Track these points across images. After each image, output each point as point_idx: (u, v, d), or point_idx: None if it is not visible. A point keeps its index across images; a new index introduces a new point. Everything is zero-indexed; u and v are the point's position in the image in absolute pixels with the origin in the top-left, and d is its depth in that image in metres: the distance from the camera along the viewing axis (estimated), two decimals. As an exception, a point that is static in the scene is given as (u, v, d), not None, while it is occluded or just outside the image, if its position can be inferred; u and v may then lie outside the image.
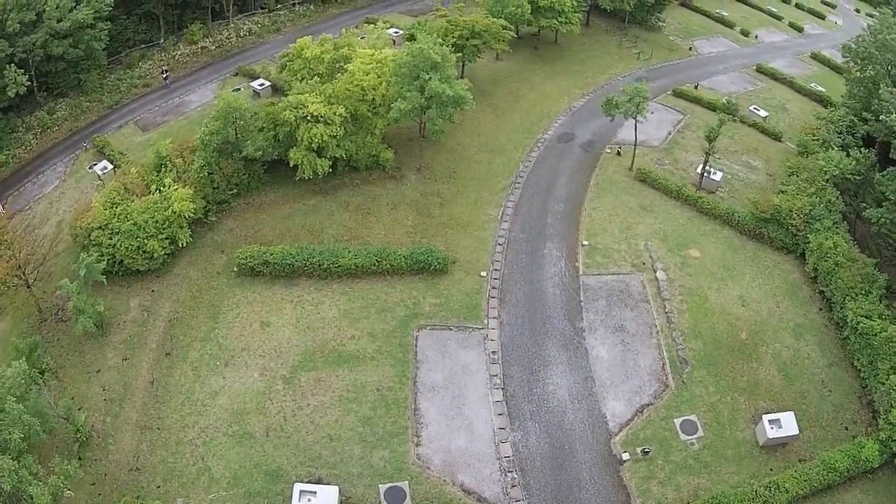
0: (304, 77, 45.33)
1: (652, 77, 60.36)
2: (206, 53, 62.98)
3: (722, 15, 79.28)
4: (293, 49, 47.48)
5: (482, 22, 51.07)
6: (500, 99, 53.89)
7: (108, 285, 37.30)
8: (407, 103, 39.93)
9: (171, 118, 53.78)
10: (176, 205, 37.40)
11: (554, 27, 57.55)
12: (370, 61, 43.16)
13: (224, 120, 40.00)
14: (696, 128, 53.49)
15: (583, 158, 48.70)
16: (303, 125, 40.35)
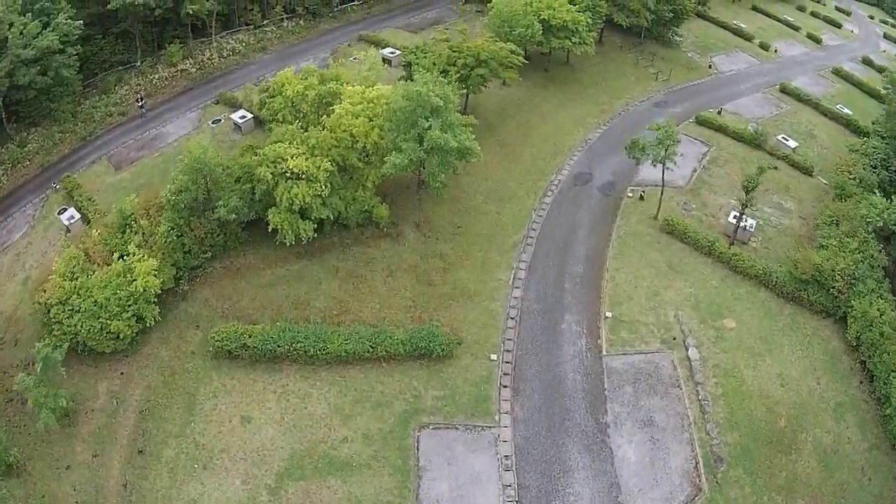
0: (285, 117, 38.75)
1: (672, 101, 54.76)
2: (186, 76, 56.29)
3: (739, 27, 72.04)
4: (273, 84, 40.75)
5: (488, 48, 44.07)
6: (509, 133, 47.36)
7: (73, 366, 32.19)
8: (403, 156, 33.71)
9: (145, 154, 47.75)
10: (140, 280, 31.68)
11: (567, 48, 50.90)
12: (360, 100, 36.49)
13: (191, 176, 33.97)
14: (723, 162, 47.70)
15: (602, 204, 42.52)
16: (282, 183, 34.18)
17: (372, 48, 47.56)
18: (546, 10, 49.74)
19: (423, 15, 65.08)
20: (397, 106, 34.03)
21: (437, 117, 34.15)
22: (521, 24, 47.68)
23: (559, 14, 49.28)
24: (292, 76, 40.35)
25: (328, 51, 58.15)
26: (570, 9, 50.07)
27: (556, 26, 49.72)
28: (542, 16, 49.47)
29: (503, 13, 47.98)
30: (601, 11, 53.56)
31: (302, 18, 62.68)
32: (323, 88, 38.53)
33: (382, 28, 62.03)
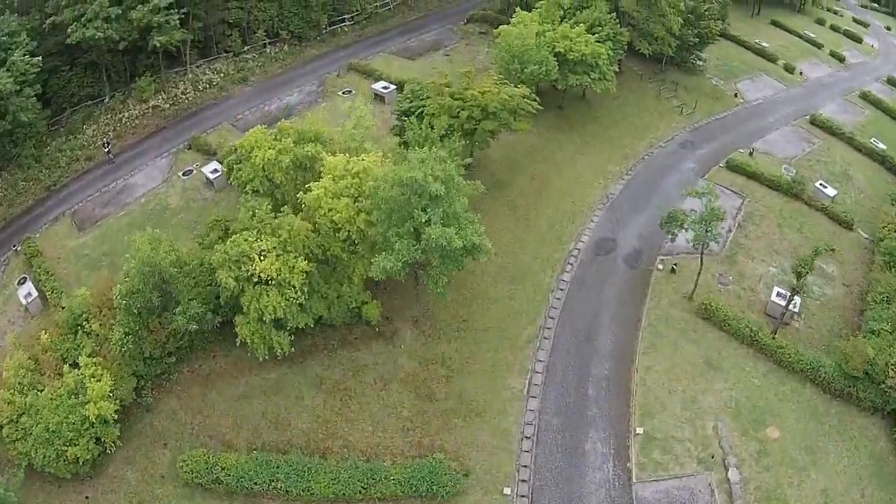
0: (256, 188, 31.77)
1: (699, 140, 47.50)
2: (157, 114, 48.79)
3: (762, 46, 64.01)
4: (241, 147, 33.06)
5: (497, 96, 36.20)
6: (521, 191, 40.13)
7: (35, 482, 27.16)
8: (394, 258, 26.92)
9: (111, 211, 41.22)
10: (93, 406, 26.01)
11: (585, 85, 43.22)
12: (342, 173, 29.33)
13: (142, 278, 27.58)
14: (759, 218, 40.91)
15: (629, 280, 36.05)
16: (249, 290, 27.54)
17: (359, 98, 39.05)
18: (562, 42, 42.12)
19: (421, 37, 56.81)
20: (387, 195, 27.05)
21: (437, 206, 27.16)
22: (533, 59, 39.93)
23: (577, 46, 41.65)
24: (263, 136, 32.68)
25: (315, 81, 50.63)
26: (588, 39, 42.39)
27: (574, 61, 42.03)
28: (556, 48, 41.90)
29: (513, 47, 40.18)
30: (622, 40, 45.86)
31: (286, 43, 54.67)
32: (300, 152, 31.49)
33: (375, 54, 54.13)
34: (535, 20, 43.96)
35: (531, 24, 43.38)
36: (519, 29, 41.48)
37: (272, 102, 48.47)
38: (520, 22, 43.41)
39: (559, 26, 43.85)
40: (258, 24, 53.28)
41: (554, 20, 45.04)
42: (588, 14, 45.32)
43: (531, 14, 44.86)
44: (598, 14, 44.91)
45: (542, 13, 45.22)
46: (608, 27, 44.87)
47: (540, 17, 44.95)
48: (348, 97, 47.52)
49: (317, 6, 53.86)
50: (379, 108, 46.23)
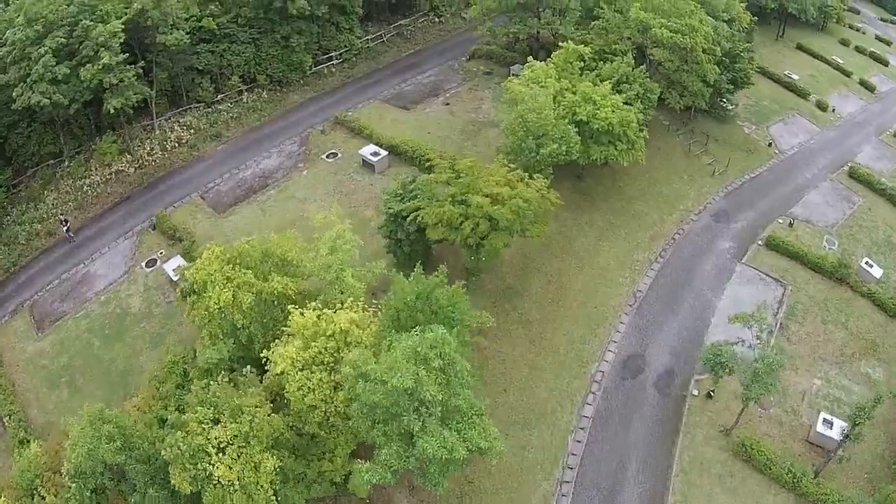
0: (214, 333, 24.44)
1: (733, 209, 39.22)
2: (122, 180, 40.40)
3: (792, 79, 54.30)
4: (193, 276, 25.01)
5: (511, 203, 26.74)
6: (535, 301, 31.85)
7: None
8: (379, 468, 19.57)
9: (69, 308, 34.24)
10: None
11: (612, 157, 34.28)
12: (314, 332, 21.86)
13: (90, 465, 20.98)
14: (802, 314, 33.53)
15: (659, 412, 28.60)
16: (209, 490, 20.28)
17: (335, 205, 29.40)
18: (584, 107, 33.20)
19: (417, 78, 47.24)
20: (368, 400, 19.16)
21: (434, 406, 19.12)
22: (551, 135, 31.14)
23: (602, 113, 32.83)
24: (217, 266, 24.51)
25: (296, 139, 41.64)
26: (615, 102, 33.55)
27: (600, 131, 33.15)
28: (578, 114, 33.15)
29: (526, 119, 31.07)
30: (653, 97, 36.96)
31: (265, 89, 45.18)
32: (264, 288, 23.93)
33: (365, 101, 44.68)
34: (551, 74, 34.91)
35: (546, 79, 34.33)
36: (532, 91, 32.34)
37: (247, 167, 39.89)
38: (532, 77, 34.34)
39: (580, 83, 34.65)
40: (232, 69, 43.80)
41: (573, 73, 36.01)
42: (613, 67, 36.19)
43: (545, 66, 35.69)
44: (625, 68, 35.93)
45: (559, 64, 36.20)
46: (638, 83, 35.79)
47: (556, 68, 35.86)
48: (332, 161, 38.54)
49: (299, 46, 44.45)
50: (367, 180, 37.64)
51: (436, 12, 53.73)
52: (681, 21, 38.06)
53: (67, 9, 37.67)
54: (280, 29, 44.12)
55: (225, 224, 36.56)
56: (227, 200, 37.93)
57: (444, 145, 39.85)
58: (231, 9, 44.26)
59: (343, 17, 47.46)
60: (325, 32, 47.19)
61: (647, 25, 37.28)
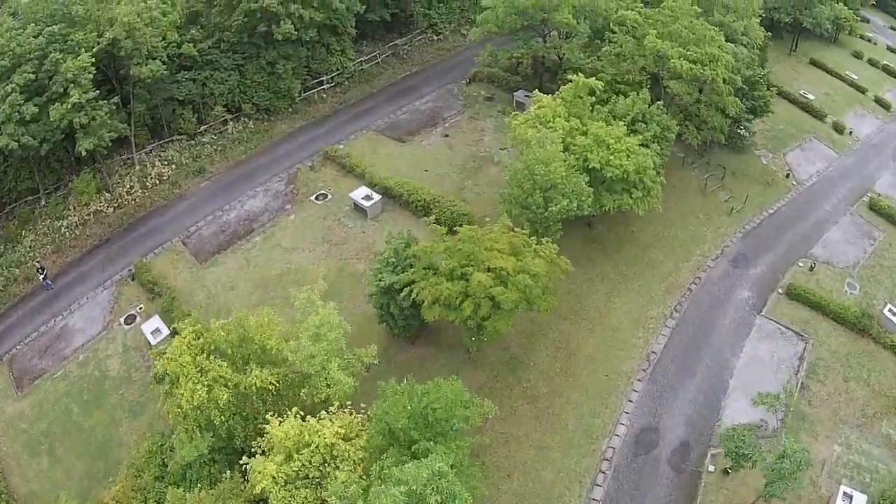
0: (191, 430, 21.00)
1: (752, 251, 35.52)
2: (101, 220, 36.61)
3: (808, 99, 49.99)
4: (166, 368, 21.58)
5: (516, 280, 23.15)
6: (542, 372, 28.21)
7: None
8: None
9: (48, 366, 31.12)
10: None
11: (627, 206, 30.33)
12: (298, 444, 18.72)
13: None
14: (824, 371, 30.24)
15: (673, 491, 25.33)
16: None
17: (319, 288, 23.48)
18: (596, 153, 29.02)
19: (414, 104, 42.73)
20: None
21: None
22: (560, 189, 26.96)
23: (617, 159, 28.80)
24: (190, 359, 21.12)
25: (283, 176, 37.53)
26: (630, 146, 29.43)
27: (613, 179, 29.16)
28: (590, 161, 29.06)
29: (535, 171, 26.72)
30: (671, 136, 32.86)
31: (251, 119, 40.84)
32: (244, 380, 20.65)
33: (359, 132, 40.34)
34: (560, 112, 30.62)
35: (555, 118, 30.09)
36: (539, 135, 27.89)
37: (231, 208, 36.10)
38: (539, 116, 30.16)
39: (592, 123, 30.54)
40: (215, 98, 39.47)
41: (583, 109, 31.69)
42: (628, 104, 31.89)
43: (553, 101, 31.44)
44: (641, 105, 31.68)
45: (568, 99, 31.90)
46: (655, 122, 31.61)
47: (565, 104, 31.71)
48: (322, 204, 34.52)
49: (287, 73, 40.04)
50: (359, 226, 33.58)
51: (434, 29, 48.97)
52: (700, 49, 33.95)
53: (35, 40, 33.93)
54: (266, 54, 39.64)
55: (206, 275, 32.76)
56: (209, 247, 34.13)
57: (443, 184, 35.87)
58: (213, 33, 39.66)
59: (334, 39, 42.91)
60: (315, 55, 42.62)
61: (665, 56, 33.01)
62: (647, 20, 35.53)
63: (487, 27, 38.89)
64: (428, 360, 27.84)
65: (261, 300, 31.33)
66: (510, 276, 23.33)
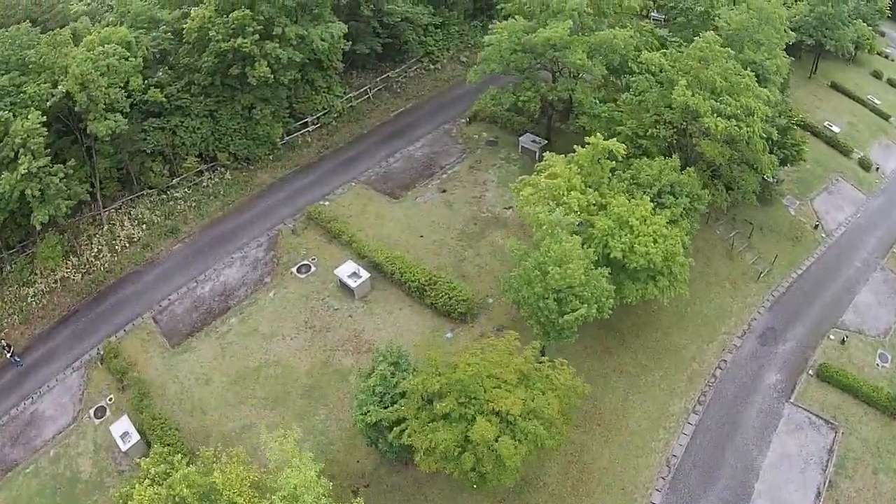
0: None
1: (781, 323, 31.05)
2: (69, 288, 31.93)
3: (833, 132, 44.58)
4: None
5: (527, 425, 19.02)
6: (552, 493, 23.82)
7: None
8: None
9: (20, 456, 27.05)
10: None
11: (651, 296, 25.32)
12: None
13: None
14: (853, 465, 26.11)
15: None
16: None
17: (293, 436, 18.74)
18: (618, 238, 23.96)
19: (408, 149, 37.08)
20: None
21: None
22: (578, 294, 22.10)
23: (642, 245, 23.65)
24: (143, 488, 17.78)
25: (264, 239, 32.53)
26: (657, 228, 24.19)
27: (637, 268, 24.16)
28: (610, 248, 23.99)
29: (546, 267, 22.05)
30: (701, 207, 27.81)
31: (229, 169, 35.48)
32: None
33: (346, 184, 34.86)
34: (575, 180, 25.32)
35: (569, 192, 24.73)
36: (552, 218, 22.76)
37: (206, 278, 31.27)
38: (551, 189, 24.84)
39: (612, 197, 25.39)
40: (187, 148, 33.98)
41: (602, 176, 26.34)
42: (654, 172, 26.50)
43: (566, 166, 26.06)
44: (670, 175, 26.27)
45: (585, 165, 26.38)
46: (685, 194, 26.32)
47: (581, 169, 26.24)
48: (304, 278, 29.53)
49: (265, 118, 34.40)
50: (346, 308, 28.48)
51: (430, 58, 42.67)
52: (735, 101, 27.90)
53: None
54: (241, 98, 33.86)
55: (179, 363, 27.81)
56: (182, 327, 29.24)
57: (440, 254, 30.55)
58: (183, 74, 33.81)
59: (320, 74, 36.88)
60: (298, 94, 36.62)
61: (697, 113, 27.31)
62: (674, 64, 29.61)
63: (490, 67, 33.79)
64: (425, 485, 23.42)
65: (238, 398, 26.73)
66: (517, 421, 18.60)
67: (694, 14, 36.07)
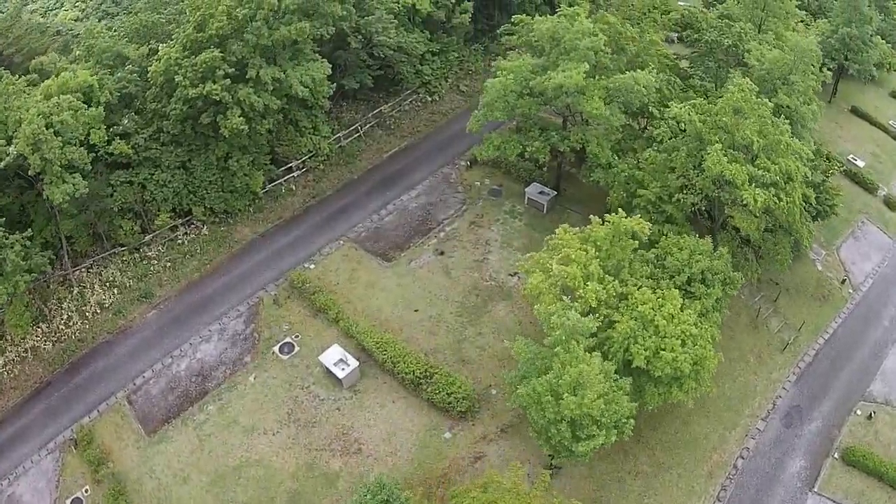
0: None
1: (807, 402, 27.77)
2: (40, 357, 28.31)
3: (857, 167, 40.33)
4: None
5: None
6: None
7: None
8: None
9: None
10: None
11: (674, 400, 22.05)
12: None
13: None
14: None
15: None
16: None
17: None
18: (642, 341, 20.48)
19: (402, 199, 32.71)
20: None
21: None
22: (596, 418, 18.55)
23: (669, 351, 20.24)
24: None
25: (243, 308, 28.67)
26: (686, 328, 20.62)
27: (662, 376, 20.75)
28: (633, 355, 20.47)
29: (561, 394, 18.68)
30: (733, 293, 24.03)
31: (206, 224, 31.29)
32: None
33: (333, 243, 30.69)
34: (593, 267, 21.41)
35: (585, 282, 20.99)
36: (566, 323, 19.00)
37: (182, 353, 27.53)
38: (565, 275, 21.03)
39: (635, 289, 21.66)
40: (158, 204, 29.78)
41: (623, 257, 22.38)
42: (683, 256, 22.53)
43: (580, 243, 22.17)
44: (702, 261, 22.31)
45: (604, 246, 22.38)
46: (719, 283, 22.60)
47: (598, 252, 22.20)
48: (287, 360, 25.83)
49: (242, 169, 30.07)
50: (333, 401, 24.82)
51: (427, 89, 37.73)
52: (774, 166, 23.80)
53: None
54: (216, 147, 29.39)
55: (156, 456, 24.43)
56: (157, 412, 25.73)
57: (437, 333, 26.52)
58: (151, 120, 29.27)
59: (304, 114, 32.11)
60: (281, 136, 31.95)
61: (733, 184, 23.21)
62: (705, 119, 25.01)
63: (494, 115, 29.28)
64: None
65: (218, 502, 24.24)
66: None
67: (719, 47, 32.01)
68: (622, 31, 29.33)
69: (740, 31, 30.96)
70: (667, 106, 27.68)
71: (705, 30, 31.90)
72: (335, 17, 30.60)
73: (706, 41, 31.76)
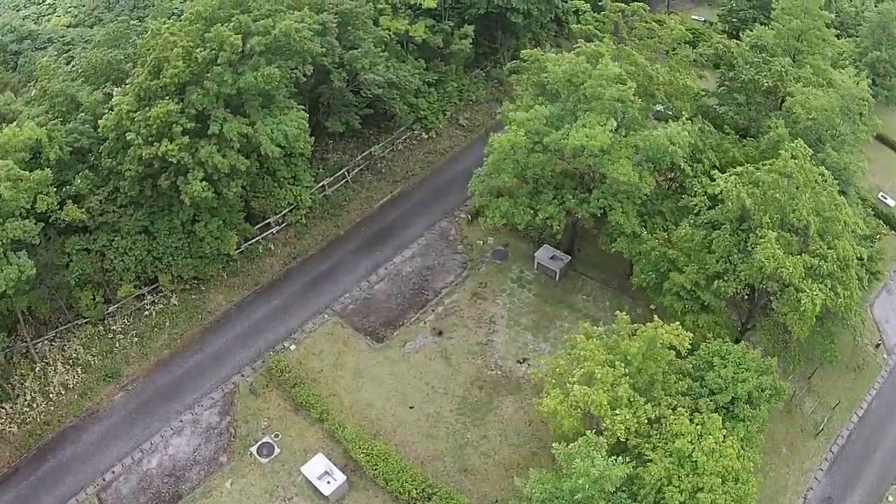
0: None
1: (839, 488, 24.59)
2: (6, 440, 24.68)
3: (888, 205, 35.94)
4: None
5: None
6: None
7: None
8: None
9: None
10: None
11: None
12: None
13: None
14: None
15: None
16: None
17: None
18: (676, 485, 16.76)
19: (394, 261, 28.35)
20: None
21: None
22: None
23: (708, 493, 16.72)
24: None
25: (217, 395, 24.77)
26: (728, 463, 17.20)
27: None
28: (666, 503, 16.66)
29: None
30: (778, 405, 21.03)
31: (175, 293, 26.93)
32: None
33: (317, 318, 26.52)
34: (619, 382, 17.68)
35: (616, 415, 17.19)
36: (593, 472, 15.62)
37: (153, 447, 23.86)
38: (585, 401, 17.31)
39: (671, 413, 17.89)
40: (119, 273, 25.34)
41: (656, 371, 18.50)
42: (726, 375, 18.63)
43: (606, 353, 18.37)
44: (749, 380, 18.57)
45: (637, 360, 18.49)
46: (765, 402, 19.19)
47: (626, 365, 18.28)
48: (267, 464, 22.10)
49: (211, 234, 25.67)
50: None
51: (423, 124, 32.84)
52: (829, 249, 20.04)
53: None
54: (180, 211, 24.96)
55: None
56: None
57: (435, 437, 22.72)
58: (107, 179, 24.62)
59: (283, 161, 27.31)
60: (257, 188, 27.35)
61: (785, 281, 19.46)
62: (753, 193, 20.73)
63: (501, 179, 23.96)
64: None
65: None
66: None
67: (758, 89, 27.50)
68: (652, 76, 24.73)
69: (781, 69, 26.35)
70: (699, 160, 23.59)
71: (741, 66, 27.27)
72: (313, 54, 25.72)
73: (742, 80, 27.21)
